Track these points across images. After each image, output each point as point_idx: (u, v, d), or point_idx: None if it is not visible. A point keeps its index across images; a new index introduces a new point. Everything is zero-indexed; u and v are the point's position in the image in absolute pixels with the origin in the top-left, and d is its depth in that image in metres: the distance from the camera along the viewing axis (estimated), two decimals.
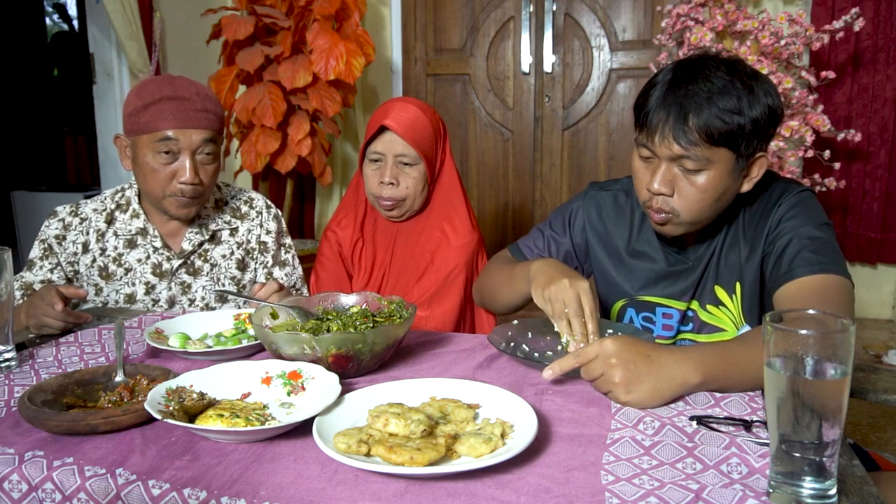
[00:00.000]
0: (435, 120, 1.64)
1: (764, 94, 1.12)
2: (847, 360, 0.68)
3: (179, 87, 1.47)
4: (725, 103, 1.09)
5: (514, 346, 1.17)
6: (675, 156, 1.13)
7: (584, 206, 1.43)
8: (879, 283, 3.48)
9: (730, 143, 1.10)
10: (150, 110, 1.44)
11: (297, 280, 1.72)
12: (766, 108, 1.12)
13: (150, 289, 1.58)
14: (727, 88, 1.10)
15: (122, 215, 1.59)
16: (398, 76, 4.09)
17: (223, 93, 3.26)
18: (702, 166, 1.12)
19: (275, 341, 1.04)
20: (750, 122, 1.10)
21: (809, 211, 1.19)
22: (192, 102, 1.46)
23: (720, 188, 1.14)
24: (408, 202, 1.62)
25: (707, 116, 1.09)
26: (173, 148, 1.45)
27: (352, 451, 0.79)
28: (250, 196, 1.70)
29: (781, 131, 2.88)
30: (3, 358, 1.11)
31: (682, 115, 1.10)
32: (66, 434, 0.86)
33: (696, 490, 0.71)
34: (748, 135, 1.11)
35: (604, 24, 3.75)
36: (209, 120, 1.48)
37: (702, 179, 1.13)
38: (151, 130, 1.44)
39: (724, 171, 1.13)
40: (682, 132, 1.10)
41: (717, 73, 1.12)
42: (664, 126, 1.12)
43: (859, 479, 0.76)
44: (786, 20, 2.86)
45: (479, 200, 4.08)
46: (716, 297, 1.28)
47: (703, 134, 1.09)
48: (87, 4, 3.54)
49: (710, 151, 1.11)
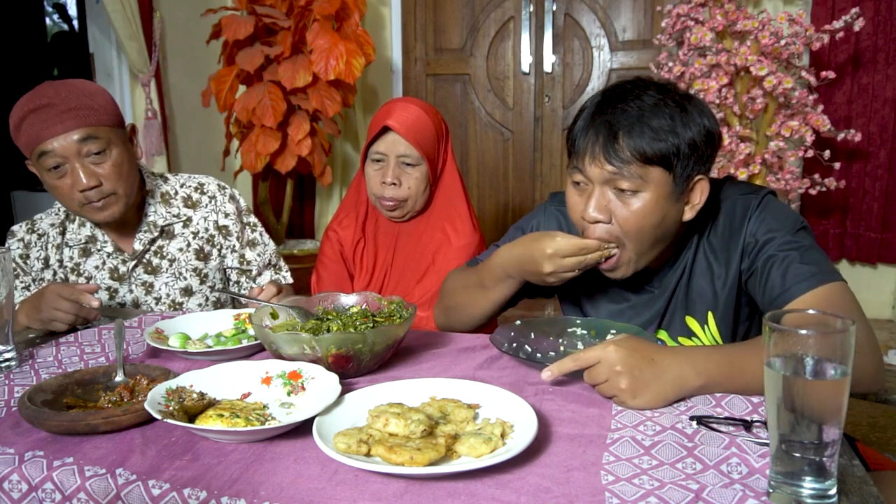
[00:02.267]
0: (437, 120, 1.64)
1: (698, 114, 1.08)
2: (847, 360, 0.67)
3: (40, 95, 1.37)
4: (658, 122, 1.05)
5: (516, 347, 1.17)
6: (608, 176, 1.07)
7: (544, 221, 1.36)
8: (879, 283, 3.48)
9: (664, 163, 1.06)
10: (21, 130, 1.38)
11: (271, 256, 1.68)
12: (702, 128, 1.07)
13: (113, 293, 1.56)
14: (658, 107, 1.06)
15: (72, 225, 1.56)
16: (398, 76, 4.09)
17: (223, 93, 3.26)
18: (636, 186, 1.06)
19: (275, 341, 1.04)
20: (684, 142, 1.06)
21: (780, 217, 1.13)
22: (54, 107, 1.36)
23: (658, 212, 1.08)
24: (410, 202, 1.62)
25: (638, 134, 1.04)
26: (56, 160, 1.37)
27: (352, 451, 0.79)
28: (200, 182, 1.63)
29: (781, 131, 2.88)
30: (3, 358, 1.11)
31: (611, 133, 1.05)
32: (66, 434, 0.86)
33: (696, 490, 0.71)
34: (683, 155, 1.06)
35: (604, 24, 3.75)
36: (78, 118, 1.37)
37: (638, 203, 1.08)
38: (30, 149, 1.38)
39: (661, 194, 1.07)
40: (612, 151, 1.05)
41: (647, 93, 1.07)
42: (594, 146, 1.07)
43: (859, 479, 0.76)
44: (786, 20, 2.86)
45: (479, 200, 4.08)
46: (686, 327, 1.23)
47: (636, 151, 1.04)
48: (87, 4, 3.54)
49: (643, 170, 1.05)
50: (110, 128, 1.43)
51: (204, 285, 1.61)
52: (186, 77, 3.79)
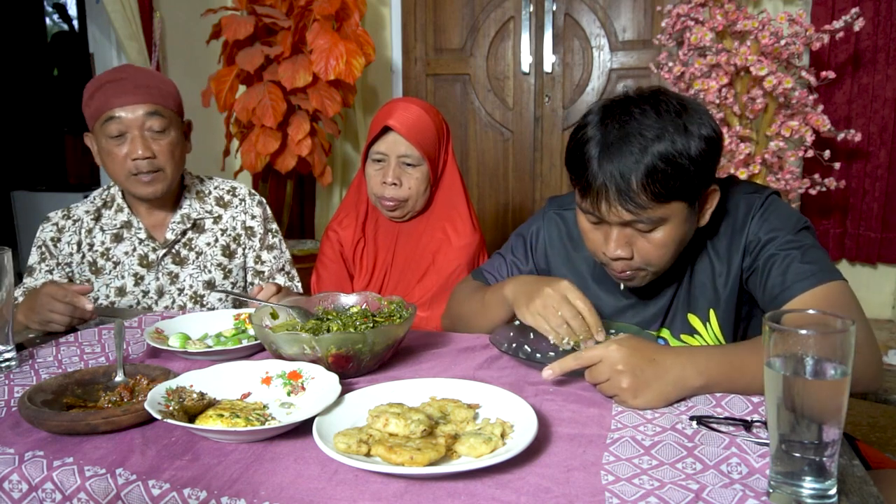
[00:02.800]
0: (438, 121, 1.64)
1: (697, 126, 1.06)
2: (847, 360, 0.67)
3: (120, 70, 1.54)
4: (664, 152, 1.03)
5: (515, 347, 1.17)
6: (627, 219, 1.07)
7: (544, 227, 1.38)
8: (879, 283, 3.48)
9: (680, 195, 1.06)
10: (94, 98, 1.50)
11: (285, 263, 1.76)
12: (703, 141, 1.05)
13: (139, 280, 1.61)
14: (661, 135, 1.03)
15: (108, 211, 1.63)
16: (398, 76, 4.09)
17: (223, 93, 3.26)
18: (656, 224, 1.08)
19: (275, 341, 1.04)
20: (692, 164, 1.04)
21: (783, 217, 1.14)
22: (130, 81, 1.50)
23: (679, 237, 1.10)
24: (410, 202, 1.62)
25: (651, 174, 1.03)
26: (120, 128, 1.48)
27: (352, 451, 0.79)
28: (233, 186, 1.74)
29: (781, 131, 2.88)
30: (3, 358, 1.11)
31: (624, 181, 1.04)
32: (66, 434, 0.86)
33: (696, 490, 0.71)
34: (694, 178, 1.06)
35: (604, 24, 3.75)
36: (150, 94, 1.50)
37: (659, 235, 1.09)
38: (98, 115, 1.49)
39: (680, 221, 1.09)
40: (628, 199, 1.04)
41: (645, 121, 1.05)
42: (608, 194, 1.06)
43: (859, 479, 0.76)
44: (786, 20, 2.86)
45: (479, 200, 4.08)
46: (689, 325, 1.24)
47: (651, 195, 1.04)
48: (87, 4, 3.54)
49: (662, 209, 1.06)
50: (174, 112, 1.57)
51: (227, 280, 1.68)
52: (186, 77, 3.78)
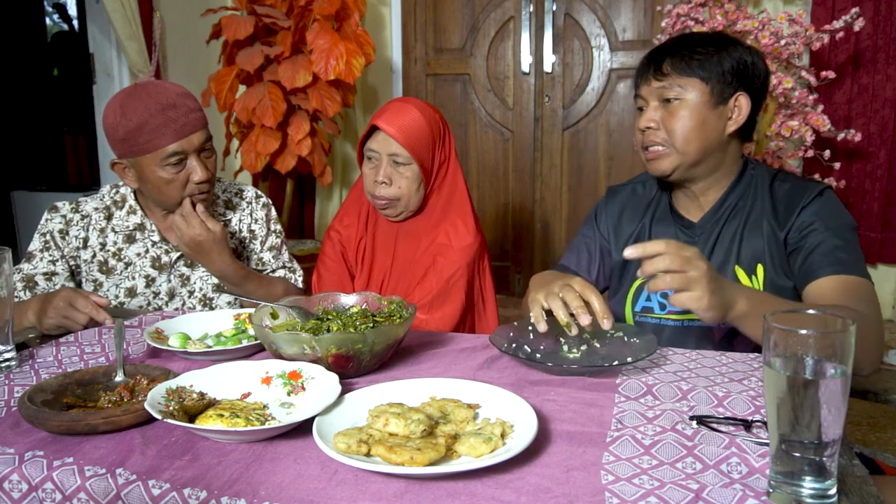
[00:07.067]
0: (434, 121, 1.63)
1: (746, 50, 1.29)
2: (847, 360, 0.67)
3: (161, 95, 1.45)
4: (700, 44, 1.29)
5: (515, 347, 1.17)
6: (655, 90, 1.31)
7: (604, 202, 1.55)
8: (879, 283, 3.48)
9: (699, 74, 1.27)
10: (144, 131, 1.44)
11: (286, 261, 1.77)
12: (747, 53, 1.28)
13: (150, 282, 1.61)
14: (707, 36, 1.30)
15: (119, 212, 1.62)
16: (398, 76, 4.09)
17: (223, 93, 3.26)
18: (677, 94, 1.29)
19: (275, 341, 1.04)
20: (723, 59, 1.27)
21: (839, 213, 1.27)
22: (179, 108, 1.46)
23: (697, 116, 1.28)
24: (402, 202, 1.61)
25: (679, 54, 1.29)
26: (180, 157, 1.48)
27: (352, 451, 0.79)
28: (240, 188, 1.76)
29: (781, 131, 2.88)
30: (3, 358, 1.11)
31: (660, 57, 1.31)
32: (66, 434, 0.86)
33: (696, 490, 0.71)
34: (719, 70, 1.27)
35: (604, 23, 3.75)
36: (200, 119, 1.50)
37: (679, 108, 1.29)
38: (154, 150, 1.45)
39: (700, 101, 1.28)
40: (659, 70, 1.30)
41: (700, 34, 1.32)
42: (646, 71, 1.33)
43: (859, 479, 0.76)
44: (786, 20, 2.86)
45: (479, 200, 4.08)
46: (735, 277, 1.32)
47: (675, 68, 1.29)
48: (87, 4, 3.54)
49: (682, 80, 1.28)
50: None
51: None
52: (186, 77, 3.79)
